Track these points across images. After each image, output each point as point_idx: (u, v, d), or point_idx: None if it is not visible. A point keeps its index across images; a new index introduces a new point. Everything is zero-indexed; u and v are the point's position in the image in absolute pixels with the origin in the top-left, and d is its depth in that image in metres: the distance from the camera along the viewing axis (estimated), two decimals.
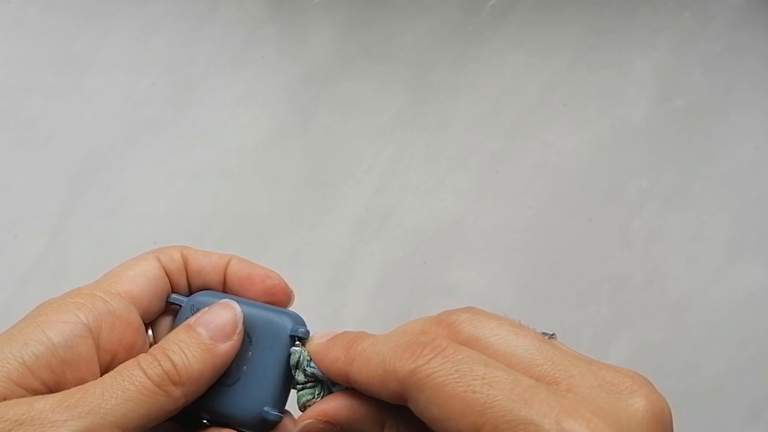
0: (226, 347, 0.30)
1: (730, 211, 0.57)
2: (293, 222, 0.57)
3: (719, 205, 0.57)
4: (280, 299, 0.34)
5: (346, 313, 0.55)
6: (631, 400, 0.25)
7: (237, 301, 0.32)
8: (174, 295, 0.33)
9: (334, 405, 0.29)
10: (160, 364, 0.28)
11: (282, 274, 0.56)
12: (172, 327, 0.32)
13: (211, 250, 0.35)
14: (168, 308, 0.34)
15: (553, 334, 0.28)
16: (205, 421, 0.31)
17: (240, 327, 0.31)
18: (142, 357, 0.28)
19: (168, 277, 0.34)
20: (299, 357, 0.31)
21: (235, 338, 0.30)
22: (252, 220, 0.58)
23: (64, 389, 0.27)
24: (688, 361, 0.53)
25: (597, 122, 0.60)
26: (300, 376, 0.30)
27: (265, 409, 0.30)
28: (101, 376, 0.29)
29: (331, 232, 0.57)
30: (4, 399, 0.26)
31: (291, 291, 0.34)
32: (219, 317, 0.30)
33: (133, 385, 0.27)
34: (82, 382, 0.28)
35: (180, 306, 0.33)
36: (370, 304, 0.55)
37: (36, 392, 0.27)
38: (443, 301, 0.55)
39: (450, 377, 0.25)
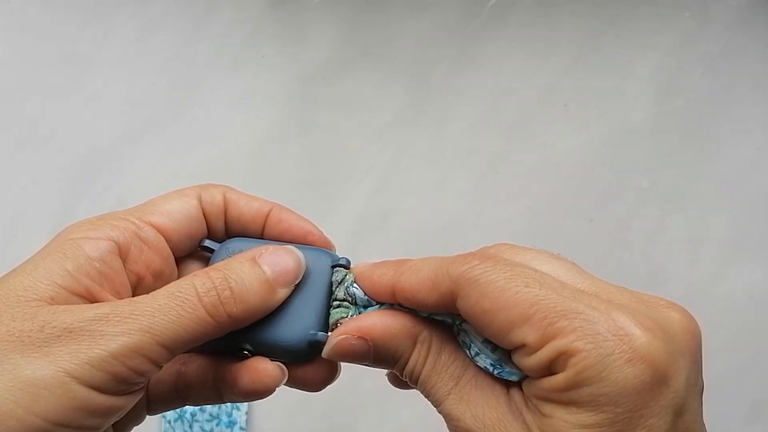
0: (284, 293, 0.30)
1: (730, 211, 0.57)
2: None
3: (719, 205, 0.57)
4: None
5: None
6: (667, 312, 0.26)
7: (274, 245, 0.32)
8: (208, 240, 0.33)
9: (368, 321, 0.29)
10: (217, 292, 0.28)
11: None
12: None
13: (253, 195, 0.35)
14: (196, 251, 0.34)
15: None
16: (246, 352, 0.30)
17: (300, 277, 0.31)
18: (198, 279, 0.28)
19: (206, 218, 0.33)
20: (344, 276, 0.31)
21: (292, 286, 0.30)
22: None
23: (104, 299, 0.28)
24: None
25: (597, 122, 0.60)
26: (340, 293, 0.31)
27: (311, 332, 0.30)
28: (132, 293, 0.29)
29: (331, 232, 0.57)
30: (52, 299, 0.26)
31: (331, 244, 0.35)
32: (284, 262, 0.30)
33: (186, 311, 0.27)
34: (118, 294, 0.29)
35: (212, 250, 0.33)
36: None
37: (80, 296, 0.27)
38: None
39: (503, 274, 0.26)
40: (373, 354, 0.28)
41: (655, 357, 0.24)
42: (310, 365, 0.30)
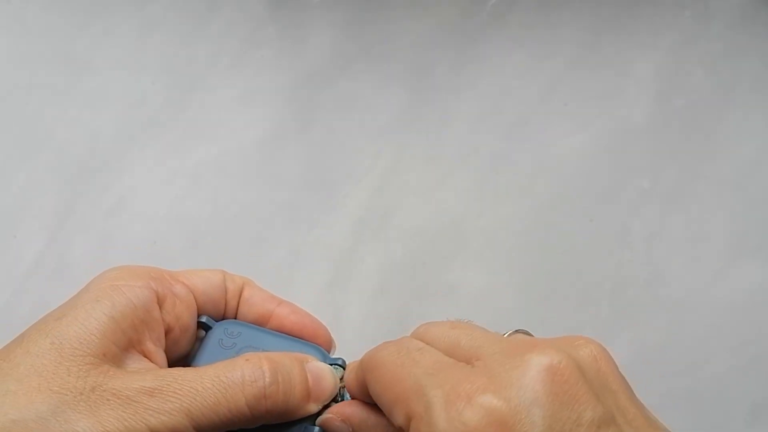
0: (314, 408, 0.31)
1: (730, 211, 0.57)
2: (293, 222, 0.57)
3: (720, 205, 0.57)
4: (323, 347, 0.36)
5: (346, 313, 0.55)
6: (526, 356, 0.26)
7: (273, 334, 0.34)
8: (206, 317, 0.34)
9: (350, 408, 0.31)
10: (264, 383, 0.29)
11: (282, 274, 0.56)
12: (201, 347, 0.33)
13: (267, 290, 0.37)
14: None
15: (520, 331, 0.31)
16: None
17: (332, 398, 0.32)
18: (248, 367, 0.29)
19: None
20: (340, 376, 0.33)
21: (320, 406, 0.31)
22: (252, 220, 0.58)
23: (145, 348, 0.30)
24: (688, 361, 0.53)
25: (597, 122, 0.60)
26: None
27: (308, 426, 0.31)
28: (165, 340, 0.31)
29: (331, 232, 0.57)
30: (104, 355, 0.28)
31: (333, 345, 0.37)
32: (326, 379, 0.32)
33: (227, 401, 0.28)
34: (157, 341, 0.30)
35: (209, 327, 0.34)
36: (370, 304, 0.55)
37: (124, 348, 0.29)
38: (443, 301, 0.55)
39: (390, 357, 0.28)
40: None
41: (493, 422, 0.24)
42: None
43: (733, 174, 0.58)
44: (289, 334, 0.34)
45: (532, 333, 0.32)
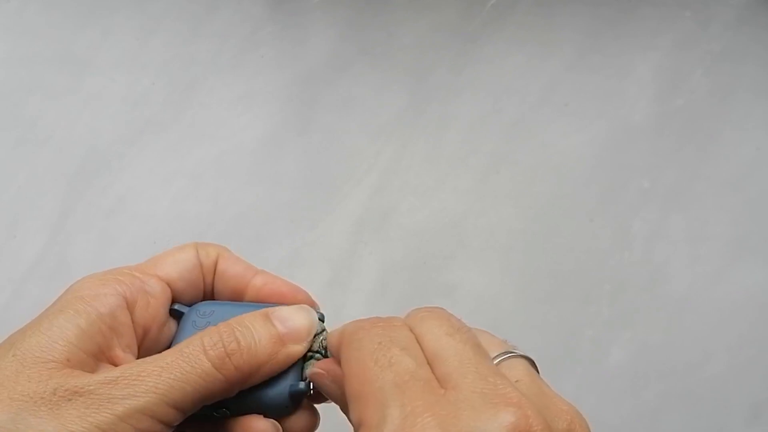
0: (295, 349, 0.30)
1: (730, 211, 0.57)
2: (293, 222, 0.57)
3: (719, 205, 0.57)
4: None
5: (346, 313, 0.55)
6: (501, 411, 0.24)
7: (247, 305, 0.32)
8: (177, 304, 0.33)
9: (336, 367, 0.30)
10: (223, 344, 0.28)
11: (282, 274, 0.56)
12: (176, 335, 0.33)
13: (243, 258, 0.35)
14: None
15: (522, 356, 0.28)
16: (221, 413, 0.30)
17: (312, 335, 0.31)
18: (207, 335, 0.28)
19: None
20: (321, 330, 0.32)
21: (305, 345, 0.30)
22: (252, 220, 0.58)
23: (114, 355, 0.29)
24: (688, 361, 0.53)
25: (597, 122, 0.60)
26: (315, 344, 0.32)
27: (291, 384, 0.30)
28: (138, 345, 0.30)
29: (331, 232, 0.57)
30: (68, 361, 0.27)
31: (316, 304, 0.35)
32: (297, 319, 0.31)
33: (192, 368, 0.27)
34: (128, 347, 0.29)
35: (182, 314, 0.33)
36: (370, 304, 0.55)
37: (93, 355, 0.28)
38: (443, 301, 0.55)
39: (370, 344, 0.26)
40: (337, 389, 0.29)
41: None
42: (293, 418, 0.31)
43: (733, 174, 0.58)
44: (278, 302, 0.34)
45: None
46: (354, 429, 0.25)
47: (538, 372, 0.27)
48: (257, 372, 0.29)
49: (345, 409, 0.29)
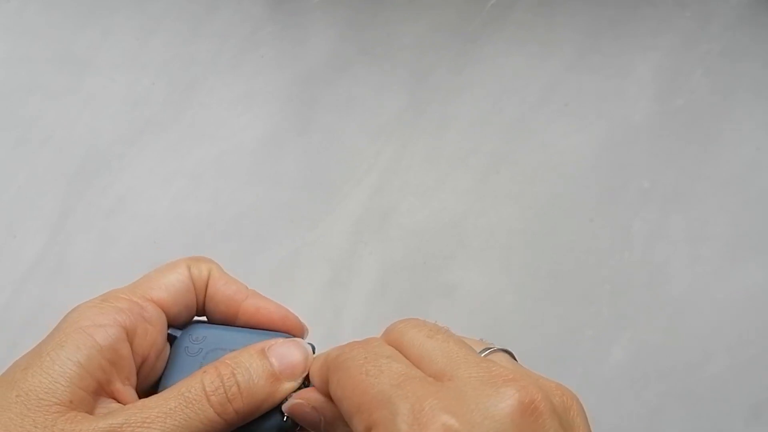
0: (290, 386, 0.30)
1: (730, 211, 0.57)
2: (293, 222, 0.57)
3: (719, 205, 0.57)
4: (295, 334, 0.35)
5: (346, 313, 0.55)
6: (502, 388, 0.25)
7: (238, 331, 0.33)
8: (170, 329, 0.33)
9: (316, 395, 0.30)
10: (224, 389, 0.28)
11: (282, 274, 0.56)
12: (169, 361, 0.33)
13: (234, 277, 0.35)
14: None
15: (501, 350, 0.29)
16: None
17: (306, 372, 0.31)
18: (207, 377, 0.28)
19: None
20: None
21: (299, 380, 0.31)
22: (252, 220, 0.58)
23: (114, 388, 0.29)
24: (688, 361, 0.53)
25: (597, 122, 0.60)
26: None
27: (281, 422, 0.30)
28: (137, 375, 0.30)
29: (331, 232, 0.57)
30: (71, 402, 0.27)
31: (306, 331, 0.35)
32: (292, 354, 0.31)
33: (196, 414, 0.28)
34: (127, 380, 0.30)
35: (174, 338, 0.33)
36: (370, 304, 0.55)
37: (93, 392, 0.28)
38: (443, 301, 0.55)
39: (356, 362, 0.27)
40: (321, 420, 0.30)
41: None
42: None
43: (733, 174, 0.58)
44: (268, 326, 0.34)
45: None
46: None
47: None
48: (256, 412, 0.29)
49: None
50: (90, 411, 0.28)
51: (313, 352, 0.32)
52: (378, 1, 0.63)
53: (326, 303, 0.55)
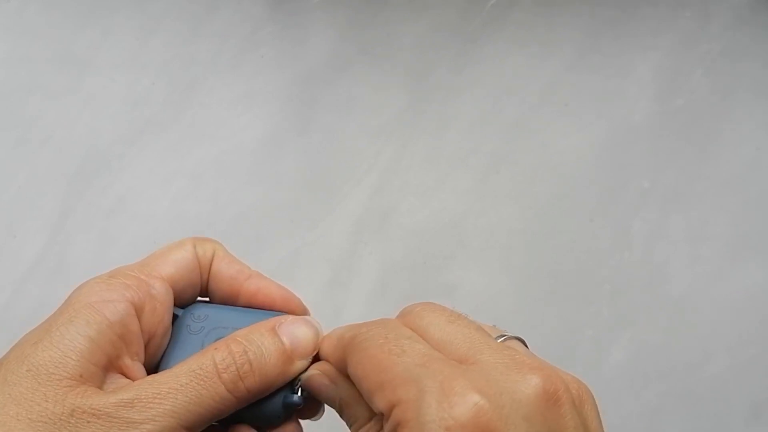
0: (301, 365, 0.30)
1: (730, 211, 0.57)
2: (293, 222, 0.57)
3: (719, 205, 0.57)
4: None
5: (346, 313, 0.55)
6: (528, 375, 0.25)
7: (240, 311, 0.32)
8: (174, 307, 0.33)
9: (333, 369, 0.30)
10: (236, 366, 0.28)
11: (282, 274, 0.56)
12: (171, 339, 0.33)
13: (238, 258, 0.35)
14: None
15: (514, 338, 0.29)
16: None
17: (317, 350, 0.31)
18: (219, 354, 0.28)
19: None
20: None
21: (309, 359, 0.30)
22: (252, 220, 0.58)
23: (123, 364, 0.29)
24: (688, 361, 0.53)
25: (597, 122, 0.60)
26: None
27: (285, 395, 0.30)
28: (145, 351, 0.30)
29: (331, 232, 0.57)
30: (81, 377, 0.27)
31: (308, 312, 0.35)
32: (303, 333, 0.31)
33: (208, 391, 0.27)
34: (134, 355, 0.30)
35: (176, 316, 0.33)
36: (370, 304, 0.55)
37: (103, 367, 0.28)
38: (443, 301, 0.55)
39: (376, 341, 0.27)
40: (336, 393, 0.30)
41: (481, 422, 0.23)
42: (282, 428, 0.31)
43: (733, 174, 0.58)
44: (271, 307, 0.34)
45: (527, 337, 0.32)
46: (385, 415, 0.25)
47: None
48: (267, 390, 0.29)
49: (341, 410, 0.29)
50: (100, 386, 0.28)
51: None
52: (378, 1, 0.63)
53: (326, 303, 0.55)
